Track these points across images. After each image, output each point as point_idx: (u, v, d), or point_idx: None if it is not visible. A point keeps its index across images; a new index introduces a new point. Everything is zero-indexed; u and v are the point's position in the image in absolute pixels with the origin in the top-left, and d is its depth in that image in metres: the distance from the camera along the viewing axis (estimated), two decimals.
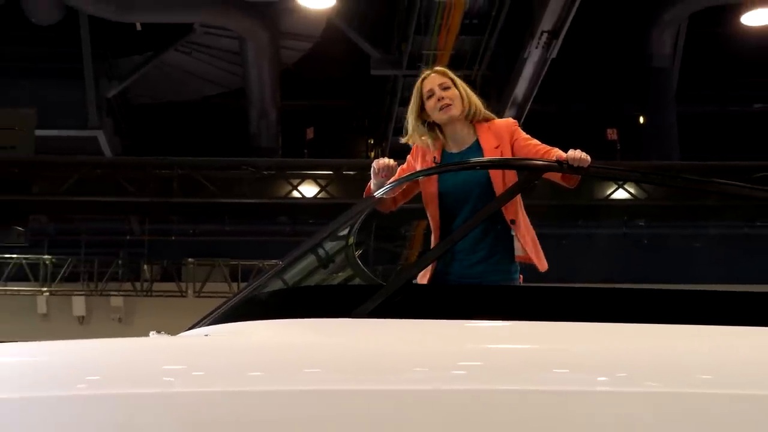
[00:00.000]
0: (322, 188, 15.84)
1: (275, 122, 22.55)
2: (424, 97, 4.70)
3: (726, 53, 22.73)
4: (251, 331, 3.22)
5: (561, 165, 3.96)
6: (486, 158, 4.54)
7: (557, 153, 4.13)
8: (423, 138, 4.74)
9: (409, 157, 4.85)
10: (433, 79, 4.71)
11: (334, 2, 18.12)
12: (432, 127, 4.70)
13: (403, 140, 4.89)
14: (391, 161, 4.50)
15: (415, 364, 3.03)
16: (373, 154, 21.65)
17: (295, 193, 15.56)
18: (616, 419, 2.96)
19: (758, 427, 2.95)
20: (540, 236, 4.62)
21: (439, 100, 4.63)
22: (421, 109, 4.71)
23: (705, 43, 22.77)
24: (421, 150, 4.79)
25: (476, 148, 4.65)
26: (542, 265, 4.52)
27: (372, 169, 4.47)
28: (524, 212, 4.56)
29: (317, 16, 19.33)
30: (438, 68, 4.86)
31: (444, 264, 4.49)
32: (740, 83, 24.22)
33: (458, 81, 4.73)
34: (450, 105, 4.62)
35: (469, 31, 17.54)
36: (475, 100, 4.71)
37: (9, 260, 24.52)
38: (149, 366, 3.06)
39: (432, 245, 4.63)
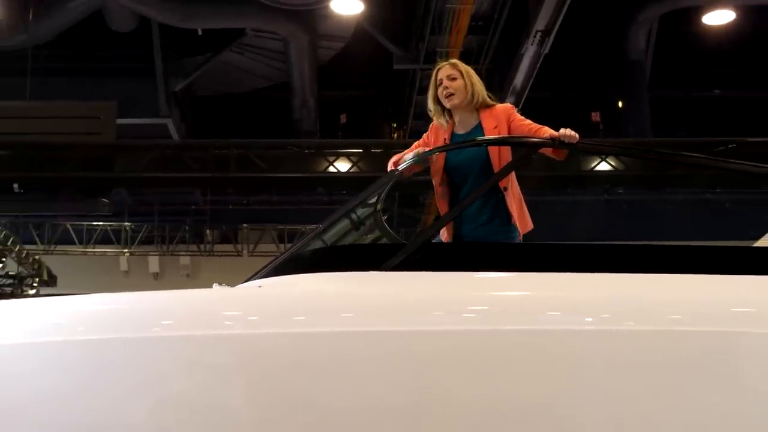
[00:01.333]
0: (354, 164, 15.81)
1: (314, 110, 22.54)
2: (436, 82, 4.73)
3: (690, 48, 22.63)
4: (296, 283, 3.22)
5: (554, 141, 3.97)
6: (489, 137, 4.54)
7: (548, 131, 4.17)
8: (439, 119, 4.77)
9: (424, 135, 4.89)
10: (444, 70, 4.73)
11: (362, 9, 18.08)
12: (444, 110, 4.72)
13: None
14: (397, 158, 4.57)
15: (432, 308, 3.03)
16: (396, 135, 21.62)
17: (331, 169, 15.55)
18: (601, 353, 2.95)
19: (714, 359, 2.96)
20: (535, 202, 4.66)
21: (444, 89, 4.66)
22: (435, 92, 4.73)
23: (673, 40, 22.65)
24: (435, 130, 4.82)
25: (479, 129, 4.67)
26: (524, 227, 4.56)
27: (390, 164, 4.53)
28: (515, 181, 4.55)
29: (348, 20, 19.29)
30: (451, 60, 4.90)
31: (456, 226, 4.51)
32: (702, 73, 24.11)
33: (465, 72, 4.72)
34: (453, 94, 4.65)
35: (476, 31, 17.51)
36: (479, 89, 4.70)
37: (96, 227, 24.70)
38: (212, 312, 3.07)
39: (433, 215, 4.69)
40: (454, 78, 4.67)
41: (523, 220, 4.56)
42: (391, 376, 2.92)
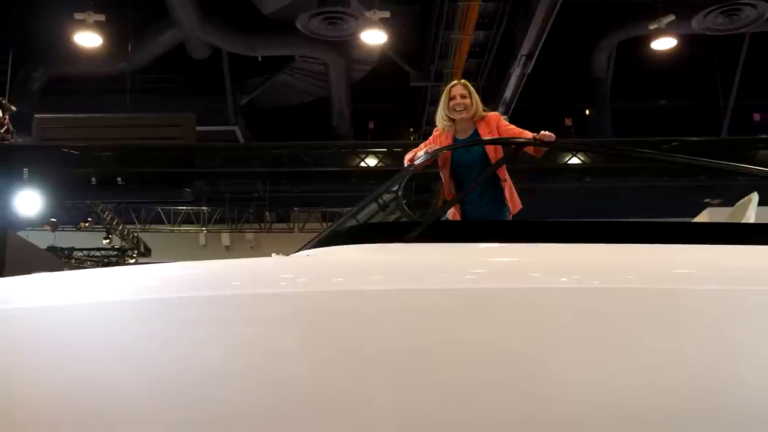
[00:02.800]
0: (380, 160, 15.79)
1: (348, 118, 22.54)
2: (449, 96, 4.72)
3: (642, 67, 22.53)
4: (336, 252, 3.24)
5: (535, 141, 3.98)
6: (487, 137, 4.56)
7: (528, 134, 4.20)
8: (443, 124, 4.78)
9: (431, 137, 4.91)
10: (457, 88, 4.74)
11: (385, 39, 17.98)
12: (450, 119, 4.71)
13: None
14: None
15: (442, 271, 3.04)
16: (412, 137, 21.57)
17: (362, 164, 15.52)
18: (572, 305, 2.96)
19: (660, 309, 2.95)
20: (521, 189, 4.67)
21: (457, 104, 4.67)
22: (447, 105, 4.71)
23: (628, 61, 22.55)
24: (440, 134, 4.83)
25: (476, 135, 4.69)
26: (514, 208, 4.58)
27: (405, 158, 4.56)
28: (507, 172, 4.61)
29: (374, 48, 19.23)
30: (463, 81, 4.90)
31: (461, 207, 4.54)
32: (651, 87, 24.07)
33: (473, 91, 4.76)
34: (463, 110, 4.66)
35: (474, 56, 17.46)
36: (479, 104, 4.73)
37: (181, 210, 24.86)
38: (271, 275, 3.08)
39: (442, 199, 4.74)
40: (465, 96, 4.69)
41: (514, 203, 4.58)
42: (411, 324, 2.93)
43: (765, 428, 2.86)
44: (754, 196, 4.16)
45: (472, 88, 4.77)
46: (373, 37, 18.12)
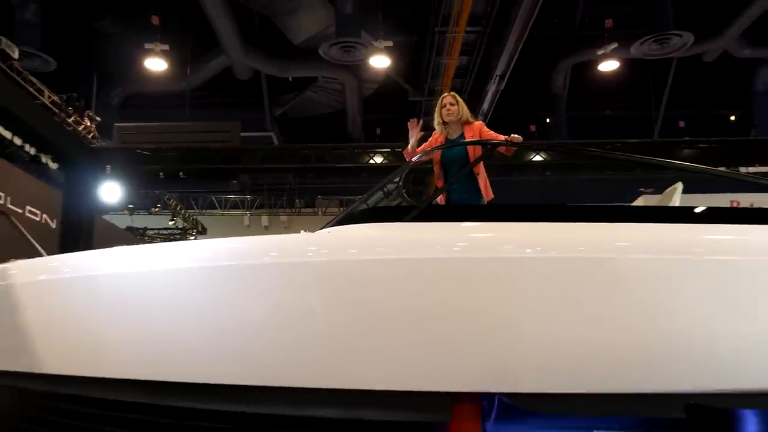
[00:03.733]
0: (385, 158, 15.74)
1: (360, 126, 22.56)
2: (441, 105, 4.78)
3: (591, 85, 22.52)
4: (350, 230, 3.24)
5: (507, 142, 3.96)
6: (468, 139, 4.57)
7: (501, 137, 4.19)
8: (439, 127, 4.82)
9: (430, 138, 4.96)
10: (448, 98, 4.79)
11: (388, 63, 18.01)
12: (443, 122, 4.74)
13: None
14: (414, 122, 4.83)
15: (433, 244, 3.03)
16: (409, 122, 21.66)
17: (371, 161, 15.48)
18: (536, 272, 2.95)
19: (606, 273, 2.95)
20: (494, 181, 4.67)
21: (447, 110, 4.72)
22: (440, 111, 4.78)
23: (580, 80, 22.53)
24: (436, 136, 4.87)
25: (462, 137, 4.69)
26: (488, 196, 4.57)
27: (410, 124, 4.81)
28: (483, 168, 4.58)
29: (380, 70, 19.24)
30: (452, 92, 4.96)
31: (447, 195, 4.54)
32: (598, 100, 24.05)
33: (460, 100, 4.79)
34: (451, 113, 4.70)
35: (459, 76, 17.45)
36: (466, 111, 4.76)
37: (229, 198, 24.90)
38: (300, 247, 3.08)
39: (433, 188, 4.75)
40: (453, 104, 4.74)
41: (487, 192, 4.57)
42: (409, 286, 2.93)
43: (686, 367, 2.87)
44: (679, 185, 4.17)
45: (459, 98, 4.80)
46: (379, 62, 18.18)
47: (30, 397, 3.19)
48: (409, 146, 4.81)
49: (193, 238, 22.50)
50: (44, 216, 13.29)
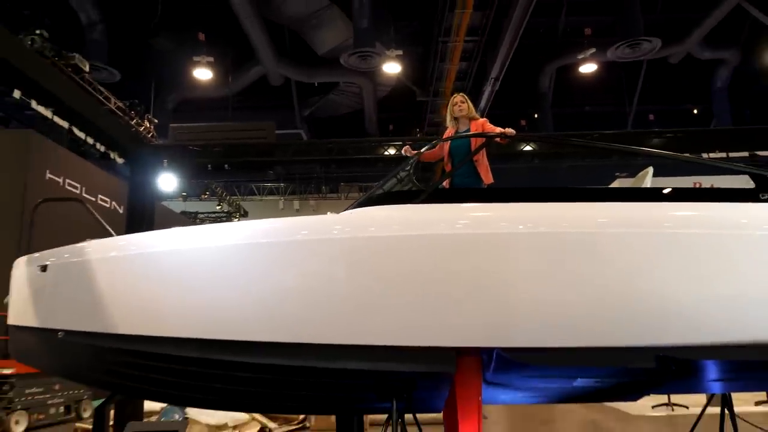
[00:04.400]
0: (397, 150, 15.65)
1: (376, 123, 22.46)
2: (453, 103, 4.75)
3: (573, 85, 22.30)
4: (369, 211, 3.22)
5: (503, 134, 3.91)
6: (471, 132, 4.51)
7: (500, 129, 4.10)
8: (450, 123, 4.79)
9: (445, 133, 4.85)
10: (458, 97, 4.76)
11: (399, 69, 17.93)
12: (453, 119, 4.71)
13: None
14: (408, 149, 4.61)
15: (439, 221, 3.02)
16: (418, 134, 21.40)
17: (386, 153, 15.41)
18: (527, 244, 2.94)
19: (587, 245, 2.93)
20: (491, 169, 4.60)
21: (458, 106, 4.70)
22: (451, 109, 4.76)
23: (563, 80, 22.32)
24: (448, 130, 4.81)
25: (468, 131, 4.62)
26: (487, 180, 4.47)
27: (404, 151, 4.59)
28: (485, 155, 4.50)
29: (392, 75, 19.17)
30: (461, 94, 4.87)
31: (452, 180, 4.48)
32: (579, 98, 23.82)
33: (467, 99, 4.76)
34: (462, 110, 4.68)
35: (459, 78, 17.30)
36: (471, 110, 4.72)
37: (266, 186, 24.95)
38: (326, 225, 3.08)
39: (439, 175, 4.67)
40: (463, 102, 4.71)
41: (487, 177, 4.50)
42: (418, 257, 2.92)
43: (656, 324, 2.85)
44: (650, 170, 4.10)
45: (467, 98, 4.76)
46: (391, 68, 18.12)
47: (105, 353, 3.23)
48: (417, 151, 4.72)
49: (236, 220, 22.62)
50: (113, 203, 13.41)
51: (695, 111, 24.71)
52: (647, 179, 4.07)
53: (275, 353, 2.89)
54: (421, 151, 4.29)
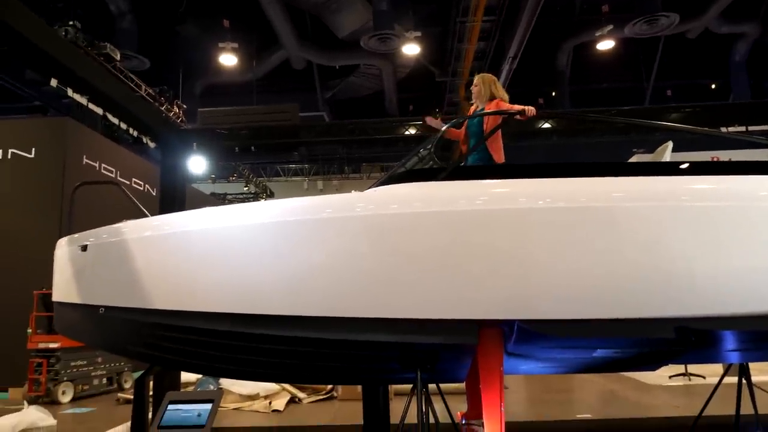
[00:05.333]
0: (417, 130, 15.53)
1: (396, 104, 22.32)
2: (471, 87, 4.63)
3: (590, 62, 21.86)
4: (391, 189, 3.21)
5: (523, 112, 3.82)
6: (488, 110, 4.40)
7: (518, 107, 3.99)
8: (470, 102, 4.69)
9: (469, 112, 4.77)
10: (474, 81, 4.61)
11: (418, 50, 17.73)
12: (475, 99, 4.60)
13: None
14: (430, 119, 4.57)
15: (460, 198, 3.00)
16: (438, 115, 21.21)
17: (406, 133, 15.30)
18: (545, 219, 2.91)
19: (604, 218, 2.90)
20: (511, 147, 4.51)
21: (471, 89, 4.58)
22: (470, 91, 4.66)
23: (581, 58, 21.88)
24: (469, 109, 4.72)
25: (482, 110, 4.51)
26: (499, 159, 4.30)
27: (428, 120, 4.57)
28: (500, 136, 4.35)
29: (411, 56, 18.96)
30: (481, 74, 4.67)
31: (470, 159, 4.40)
32: (596, 75, 23.34)
33: (482, 81, 4.55)
34: (474, 93, 4.55)
35: (477, 59, 17.08)
36: (486, 91, 4.50)
37: (291, 167, 25.01)
38: (350, 203, 3.08)
39: (458, 153, 4.61)
40: (476, 85, 4.55)
41: (499, 156, 4.33)
42: (439, 232, 2.91)
43: (675, 295, 2.81)
44: (669, 144, 4.00)
45: (481, 80, 4.55)
46: (410, 50, 17.92)
47: (142, 328, 3.30)
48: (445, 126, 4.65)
49: (263, 200, 22.79)
50: (146, 186, 13.59)
51: (713, 86, 24.08)
52: (666, 154, 3.98)
53: (304, 326, 2.92)
54: (446, 127, 4.24)
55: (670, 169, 3.33)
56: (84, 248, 3.54)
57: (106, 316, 3.35)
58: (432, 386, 3.56)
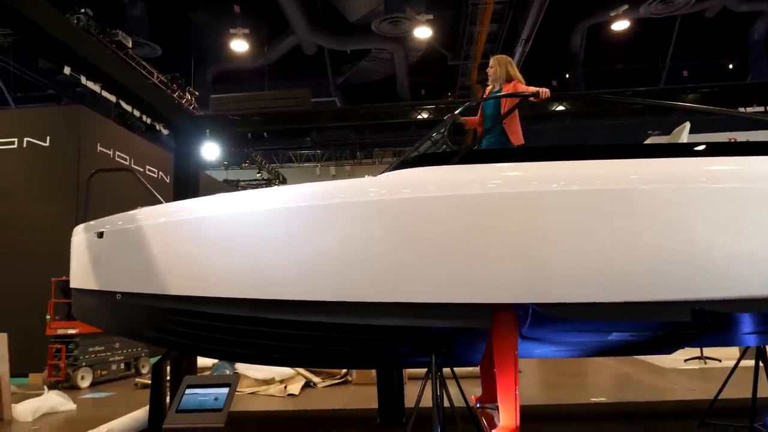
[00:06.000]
0: (429, 114, 15.45)
1: (408, 88, 22.21)
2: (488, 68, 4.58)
3: (605, 43, 21.53)
4: (404, 173, 3.20)
5: (537, 94, 3.77)
6: (504, 93, 4.34)
7: (533, 89, 3.94)
8: (485, 86, 4.64)
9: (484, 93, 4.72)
10: (490, 61, 4.56)
11: (430, 33, 17.56)
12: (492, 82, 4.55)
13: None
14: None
15: (473, 182, 2.98)
16: (450, 98, 21.05)
17: (418, 117, 15.22)
18: (558, 201, 2.88)
19: (622, 201, 2.86)
20: (526, 129, 4.45)
21: (488, 73, 4.53)
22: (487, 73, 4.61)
23: (595, 39, 21.57)
24: (485, 90, 4.65)
25: (499, 92, 4.45)
26: (517, 142, 4.27)
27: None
28: (517, 118, 4.31)
29: (423, 40, 18.80)
30: (497, 56, 4.60)
31: (486, 141, 4.36)
32: (611, 56, 23.00)
33: (498, 63, 4.50)
34: (490, 74, 4.49)
35: (490, 41, 16.92)
36: (501, 72, 4.44)
37: (303, 153, 25.00)
38: (363, 188, 3.07)
39: (471, 136, 4.58)
40: (491, 67, 4.49)
41: (517, 138, 4.32)
42: (452, 216, 2.90)
43: (691, 278, 2.78)
44: (687, 125, 3.94)
45: (497, 62, 4.50)
46: (422, 33, 17.76)
47: (158, 313, 3.33)
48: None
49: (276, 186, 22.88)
50: (160, 173, 13.67)
51: (730, 66, 23.65)
52: (684, 134, 3.91)
53: (319, 311, 2.93)
54: (457, 112, 4.20)
55: (687, 150, 3.28)
56: (100, 235, 3.58)
57: (123, 302, 3.39)
58: (446, 370, 3.56)
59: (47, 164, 10.66)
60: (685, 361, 8.95)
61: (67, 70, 9.72)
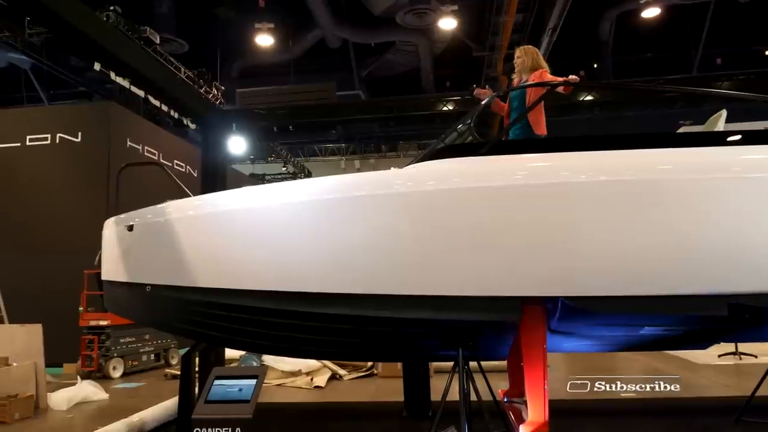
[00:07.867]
0: (456, 106, 15.33)
1: (432, 80, 22.06)
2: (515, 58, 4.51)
3: (634, 31, 21.12)
4: (430, 165, 3.18)
5: (567, 82, 3.70)
6: (531, 82, 4.24)
7: (560, 79, 3.86)
8: (511, 78, 4.58)
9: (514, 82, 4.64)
10: (516, 52, 4.50)
11: (455, 24, 17.42)
12: (519, 72, 4.47)
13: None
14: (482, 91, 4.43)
15: (500, 173, 2.94)
16: (475, 90, 20.85)
17: (444, 109, 15.11)
18: (584, 192, 2.84)
19: (650, 191, 2.81)
20: (555, 120, 4.36)
21: (515, 62, 4.46)
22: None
23: (624, 27, 21.17)
24: (514, 80, 4.56)
25: (526, 82, 4.37)
26: (540, 132, 4.13)
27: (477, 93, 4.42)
28: (542, 108, 4.19)
29: (448, 31, 18.62)
30: (523, 47, 4.54)
31: (512, 133, 4.28)
32: (640, 45, 22.53)
33: (525, 53, 4.44)
34: (517, 65, 4.42)
35: (516, 31, 16.64)
36: (528, 62, 4.37)
37: (328, 147, 25.08)
38: (388, 180, 3.06)
39: (497, 128, 4.51)
40: (519, 57, 4.43)
41: (540, 129, 4.19)
42: (479, 208, 2.87)
43: (728, 271, 2.71)
44: (723, 113, 3.81)
45: (523, 52, 4.44)
46: (447, 24, 17.63)
47: (188, 305, 3.37)
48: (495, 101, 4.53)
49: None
50: (188, 167, 13.86)
51: (767, 52, 22.95)
52: (720, 123, 3.79)
53: (346, 304, 2.93)
54: (493, 96, 4.15)
55: (721, 139, 3.18)
56: (130, 228, 3.63)
57: (153, 294, 3.44)
58: (473, 364, 3.54)
59: (79, 159, 10.89)
60: (719, 356, 8.74)
61: (97, 66, 9.87)
